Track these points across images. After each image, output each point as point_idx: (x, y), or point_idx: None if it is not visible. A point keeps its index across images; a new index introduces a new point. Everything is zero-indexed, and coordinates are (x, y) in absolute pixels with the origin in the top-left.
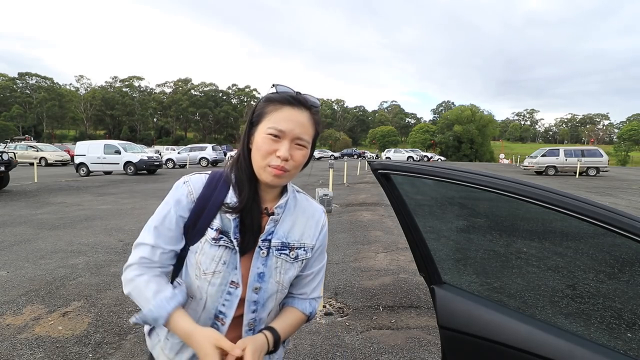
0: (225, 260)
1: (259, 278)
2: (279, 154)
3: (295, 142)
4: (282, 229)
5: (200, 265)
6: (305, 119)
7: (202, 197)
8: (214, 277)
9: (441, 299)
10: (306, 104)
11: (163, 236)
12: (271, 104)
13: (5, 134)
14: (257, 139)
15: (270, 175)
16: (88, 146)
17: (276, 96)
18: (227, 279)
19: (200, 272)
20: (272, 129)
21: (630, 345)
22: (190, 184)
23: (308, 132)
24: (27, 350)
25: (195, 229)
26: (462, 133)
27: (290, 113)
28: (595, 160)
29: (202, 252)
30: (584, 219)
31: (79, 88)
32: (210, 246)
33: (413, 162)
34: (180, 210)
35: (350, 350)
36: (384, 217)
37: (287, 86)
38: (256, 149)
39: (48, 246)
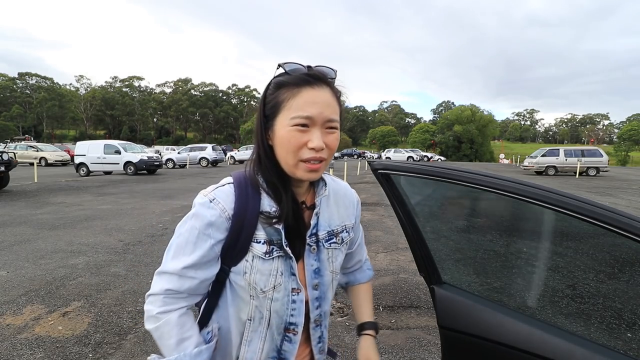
0: (282, 270)
1: (315, 274)
2: (312, 146)
3: (325, 126)
4: (323, 219)
5: (256, 285)
6: (328, 96)
7: (238, 213)
8: (276, 291)
9: (441, 299)
10: (325, 79)
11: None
12: (285, 89)
13: (5, 134)
14: (280, 133)
15: (306, 172)
16: (88, 146)
17: (289, 78)
18: (288, 289)
19: (258, 292)
20: (298, 118)
21: (630, 345)
22: (220, 201)
23: (336, 111)
24: (27, 350)
25: (237, 248)
26: (462, 133)
27: (312, 94)
28: (595, 160)
29: (255, 271)
30: (584, 219)
31: (79, 88)
32: (264, 262)
33: (413, 162)
34: (215, 233)
35: (351, 350)
36: (384, 217)
37: (295, 62)
38: (281, 145)
39: (48, 246)
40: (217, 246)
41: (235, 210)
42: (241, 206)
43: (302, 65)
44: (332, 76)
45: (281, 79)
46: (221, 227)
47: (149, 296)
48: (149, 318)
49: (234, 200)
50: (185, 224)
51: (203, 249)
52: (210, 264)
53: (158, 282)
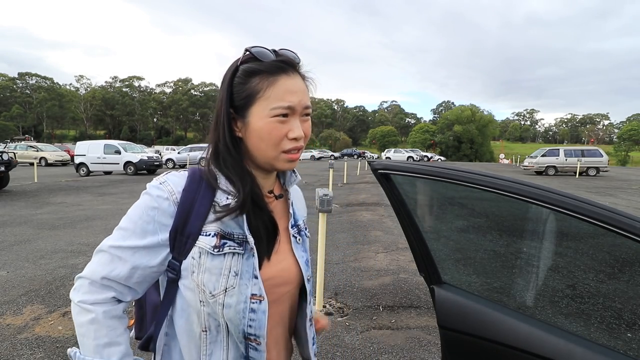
0: (237, 270)
1: (307, 266)
2: (293, 136)
3: (302, 113)
4: (297, 208)
5: (205, 286)
6: (302, 83)
7: (186, 198)
8: (227, 296)
9: (441, 299)
10: (294, 64)
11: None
12: (259, 77)
13: (5, 134)
14: (257, 125)
15: (286, 162)
16: (88, 146)
17: (262, 66)
18: (244, 293)
19: (207, 295)
20: (279, 108)
21: (630, 345)
22: (169, 183)
23: (308, 96)
24: (27, 350)
25: (184, 237)
26: (462, 133)
27: (289, 82)
28: (595, 160)
29: (203, 269)
30: (584, 219)
31: (79, 88)
32: (213, 258)
33: (413, 162)
34: (159, 216)
35: (350, 350)
36: (384, 217)
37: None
38: (259, 138)
39: (48, 246)
40: (162, 232)
41: (182, 196)
42: (190, 193)
43: (268, 50)
44: (298, 61)
45: (252, 65)
46: (167, 210)
47: (77, 279)
48: (72, 305)
49: (183, 185)
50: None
51: (145, 232)
52: (148, 251)
53: (89, 264)
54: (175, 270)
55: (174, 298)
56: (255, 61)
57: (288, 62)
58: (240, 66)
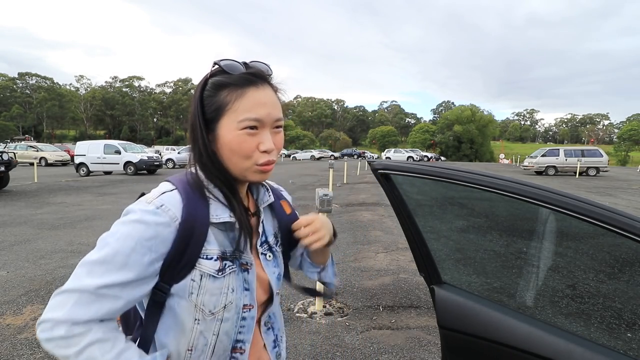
0: (234, 287)
1: (278, 280)
2: (264, 148)
3: (273, 125)
4: (267, 224)
5: (204, 306)
6: (272, 95)
7: (187, 222)
8: (226, 311)
9: (441, 299)
10: (266, 77)
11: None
12: (227, 90)
13: (5, 134)
14: (227, 138)
15: (257, 174)
16: (88, 146)
17: (230, 78)
18: (239, 306)
19: (205, 314)
20: (247, 120)
21: (630, 345)
22: (169, 207)
23: (280, 109)
24: (27, 350)
25: (181, 263)
26: (462, 133)
27: (258, 95)
28: (595, 160)
29: (204, 291)
30: (584, 219)
31: (79, 88)
32: (215, 280)
33: (413, 162)
34: (159, 246)
35: (350, 350)
36: (384, 217)
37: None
38: (230, 150)
39: (48, 246)
40: (158, 262)
41: (183, 218)
42: (190, 214)
43: (238, 62)
44: (270, 73)
45: (221, 79)
46: (168, 239)
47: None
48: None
49: (182, 207)
50: (116, 233)
51: (139, 264)
52: (144, 281)
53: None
54: (164, 292)
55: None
56: (223, 74)
57: (257, 75)
58: (209, 79)
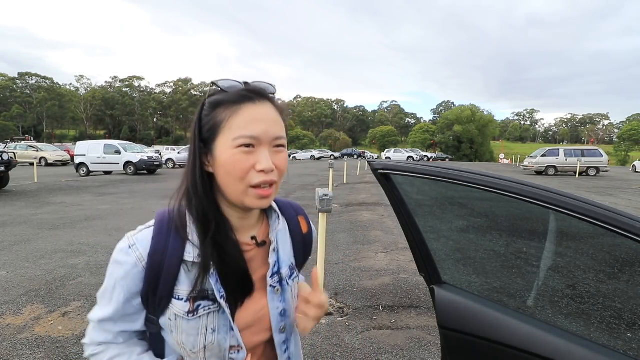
0: (215, 327)
1: (282, 317)
2: (260, 168)
3: (273, 144)
4: (284, 253)
5: (184, 345)
6: (272, 111)
7: (152, 260)
8: (208, 351)
9: (441, 299)
10: (265, 94)
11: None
12: (222, 108)
13: (5, 134)
14: (222, 158)
15: (256, 199)
16: (88, 146)
17: (226, 96)
18: (224, 346)
19: (188, 352)
20: (241, 138)
21: (630, 345)
22: (138, 247)
23: (282, 127)
24: (27, 350)
25: (156, 299)
26: (462, 133)
27: (254, 110)
28: (595, 160)
29: (180, 331)
30: (584, 219)
31: (79, 88)
32: (188, 321)
33: (413, 162)
34: (130, 284)
35: (350, 350)
36: (384, 217)
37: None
38: (225, 171)
39: (48, 246)
40: (135, 299)
41: (148, 257)
42: (156, 252)
43: (238, 82)
44: (272, 91)
45: (217, 97)
46: (136, 278)
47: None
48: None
49: (150, 245)
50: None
51: (118, 302)
52: (130, 317)
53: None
54: (154, 324)
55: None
56: (221, 93)
57: (255, 91)
58: (207, 99)
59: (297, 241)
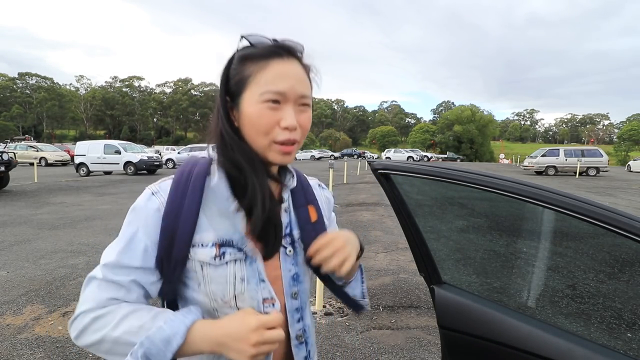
0: (243, 275)
1: (294, 281)
2: (285, 125)
3: (298, 102)
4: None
5: (214, 295)
6: (299, 69)
7: (170, 209)
8: (239, 301)
9: (441, 299)
10: (294, 52)
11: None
12: (251, 62)
13: (5, 134)
14: (248, 111)
15: (278, 155)
16: (88, 146)
17: (255, 50)
18: (255, 298)
19: (219, 303)
20: (268, 93)
21: (630, 345)
22: (161, 193)
23: (308, 86)
24: (27, 350)
25: (173, 256)
26: (462, 133)
27: (282, 66)
28: (595, 160)
29: (208, 280)
30: (584, 219)
31: (79, 88)
32: (215, 268)
33: (413, 162)
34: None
35: (350, 350)
36: (384, 217)
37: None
38: (251, 125)
39: (48, 246)
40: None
41: (166, 205)
42: (174, 201)
43: (267, 38)
44: (301, 50)
45: (246, 51)
46: (158, 224)
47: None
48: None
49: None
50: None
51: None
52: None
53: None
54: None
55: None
56: (251, 47)
57: (283, 47)
58: (236, 54)
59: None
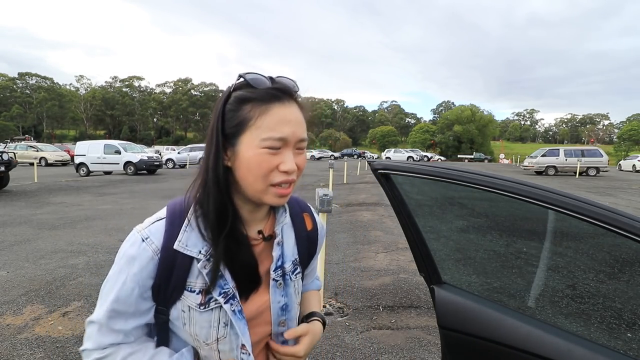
0: (226, 321)
1: (282, 311)
2: (285, 169)
3: (296, 146)
4: (288, 248)
5: (198, 336)
6: (298, 113)
7: (167, 252)
8: (221, 344)
9: (441, 299)
10: (292, 93)
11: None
12: (251, 105)
13: (5, 134)
14: (246, 155)
15: (275, 197)
16: (88, 146)
17: (255, 93)
18: (236, 342)
19: (201, 344)
20: (270, 140)
21: (630, 345)
22: (152, 239)
23: (305, 128)
24: (27, 350)
25: (169, 288)
26: (462, 133)
27: (283, 112)
28: (595, 160)
29: (193, 323)
30: (584, 219)
31: (79, 88)
32: (201, 314)
33: (413, 162)
34: (145, 279)
35: (350, 350)
36: (384, 217)
37: (257, 72)
38: (249, 169)
39: (48, 246)
40: (147, 293)
41: (162, 249)
42: (170, 244)
43: (264, 76)
44: (297, 89)
45: (245, 93)
46: (152, 271)
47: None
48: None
49: (163, 237)
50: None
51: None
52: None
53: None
54: (164, 314)
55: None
56: (248, 88)
57: (283, 90)
58: (232, 93)
59: (301, 238)
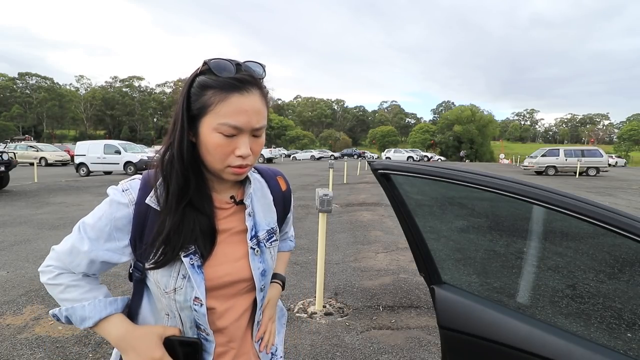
0: (185, 273)
1: (262, 276)
2: (239, 153)
3: (252, 133)
4: (259, 217)
5: (159, 284)
6: (257, 101)
7: (139, 208)
8: (177, 294)
9: (441, 299)
10: (254, 81)
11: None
12: (212, 92)
13: (5, 134)
14: (206, 138)
15: (232, 175)
16: (88, 146)
17: (215, 82)
18: (190, 294)
19: (162, 291)
20: (225, 126)
21: (630, 345)
22: (131, 191)
23: (264, 116)
24: (27, 350)
25: (143, 241)
26: (462, 133)
27: (241, 101)
28: (595, 160)
29: (157, 270)
30: (584, 219)
31: (79, 88)
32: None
33: (413, 162)
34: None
35: (350, 350)
36: (384, 217)
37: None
38: (207, 150)
39: (48, 246)
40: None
41: (137, 202)
42: (142, 202)
43: (230, 62)
44: (262, 75)
45: (207, 79)
46: (124, 218)
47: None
48: (48, 276)
49: (138, 192)
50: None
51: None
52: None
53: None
54: (140, 270)
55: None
56: (211, 74)
57: (243, 80)
58: (197, 77)
59: (277, 197)
